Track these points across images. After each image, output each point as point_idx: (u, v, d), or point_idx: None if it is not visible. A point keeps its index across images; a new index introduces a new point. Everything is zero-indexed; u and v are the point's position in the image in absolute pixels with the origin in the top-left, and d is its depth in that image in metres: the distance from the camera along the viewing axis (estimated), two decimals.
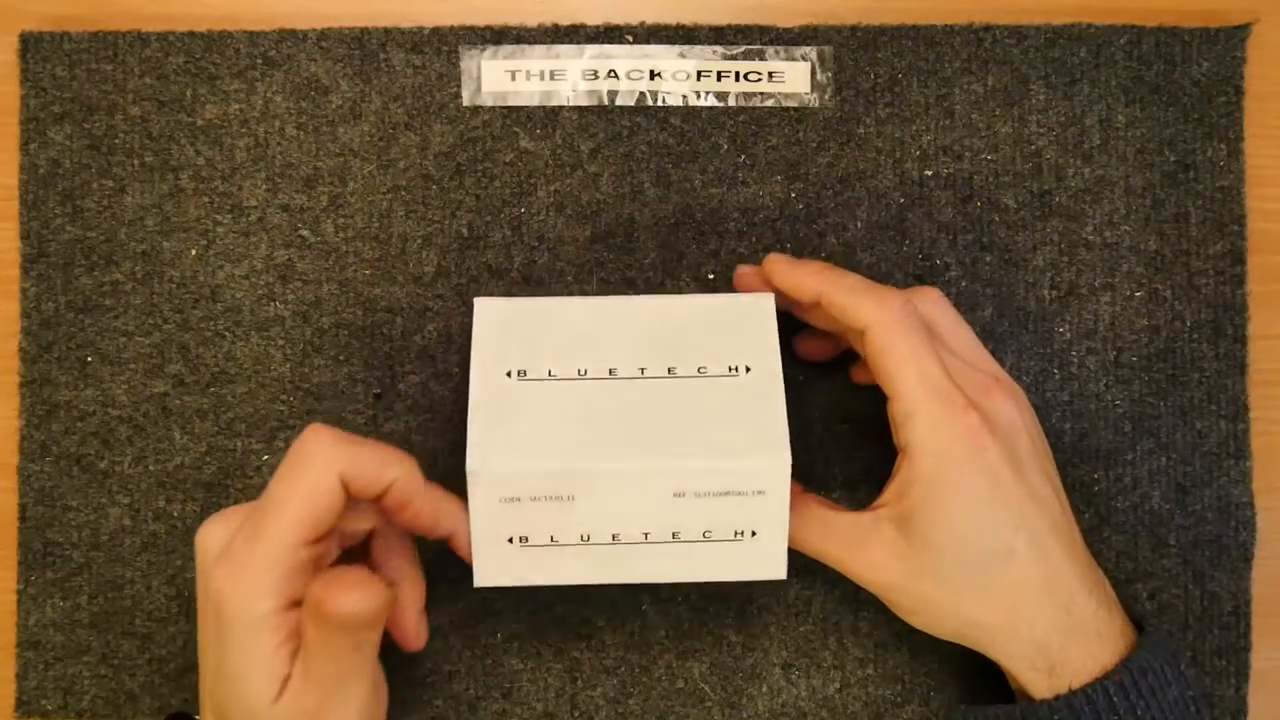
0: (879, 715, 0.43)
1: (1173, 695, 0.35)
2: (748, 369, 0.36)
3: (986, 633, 0.36)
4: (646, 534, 0.35)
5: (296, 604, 0.32)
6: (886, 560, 0.36)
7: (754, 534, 0.35)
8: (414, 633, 0.37)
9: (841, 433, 0.43)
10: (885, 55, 0.43)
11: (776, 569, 0.36)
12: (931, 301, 0.38)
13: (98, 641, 0.43)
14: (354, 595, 0.31)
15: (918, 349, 0.35)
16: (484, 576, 0.35)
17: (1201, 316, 0.43)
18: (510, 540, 0.35)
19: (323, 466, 0.32)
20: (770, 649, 0.43)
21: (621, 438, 0.35)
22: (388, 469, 0.33)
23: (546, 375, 0.36)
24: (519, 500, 0.34)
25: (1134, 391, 0.43)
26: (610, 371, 0.36)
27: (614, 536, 0.35)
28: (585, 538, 0.35)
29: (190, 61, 0.43)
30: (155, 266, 0.43)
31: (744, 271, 0.40)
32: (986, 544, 0.35)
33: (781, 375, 0.36)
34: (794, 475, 0.41)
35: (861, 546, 0.36)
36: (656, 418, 0.35)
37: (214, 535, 0.33)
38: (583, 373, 0.36)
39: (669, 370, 0.36)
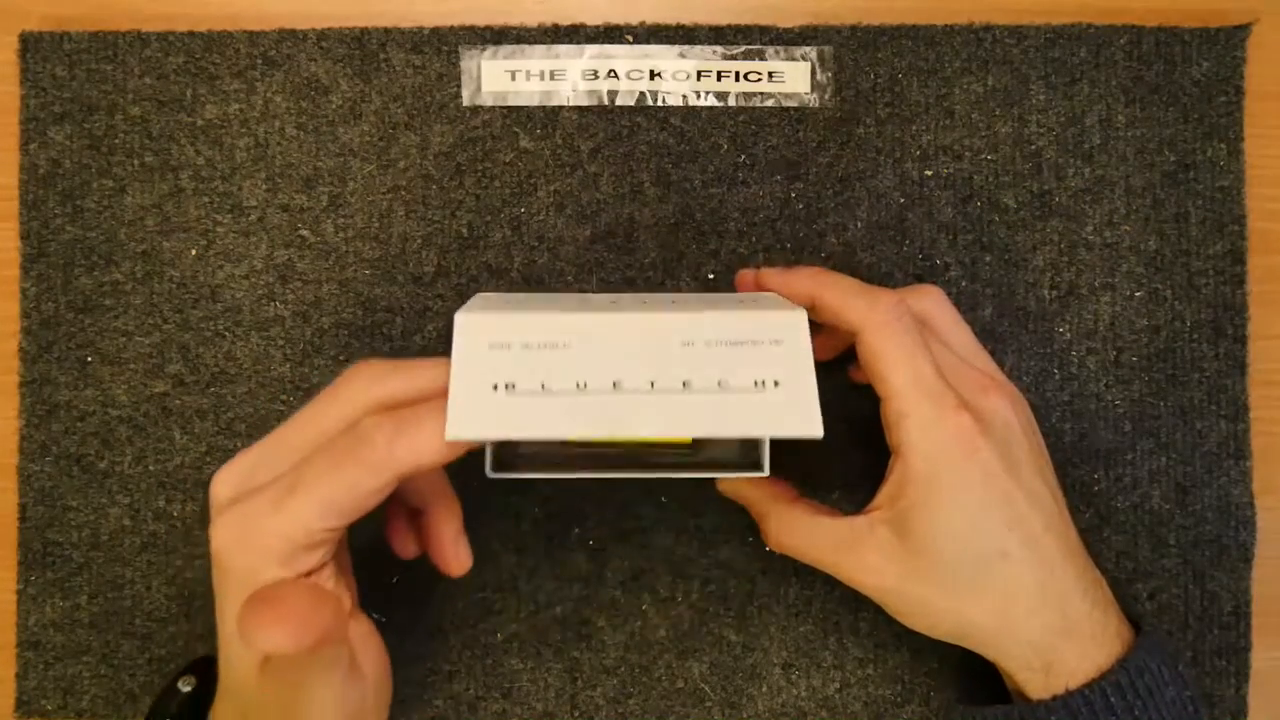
0: (879, 715, 0.43)
1: (1170, 696, 0.35)
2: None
3: (982, 634, 0.36)
4: (653, 382, 0.31)
5: (307, 575, 0.31)
6: (881, 563, 0.35)
7: (776, 384, 0.31)
8: (453, 557, 0.36)
9: (841, 433, 0.43)
10: (885, 55, 0.43)
11: (810, 425, 0.31)
12: (932, 300, 0.38)
13: (98, 641, 0.43)
14: (274, 632, 0.27)
15: (910, 350, 0.34)
16: (458, 427, 0.30)
17: (1201, 316, 0.43)
18: (495, 388, 0.31)
19: (378, 468, 0.30)
20: (770, 649, 0.43)
21: (625, 306, 0.33)
22: (455, 451, 0.31)
23: (544, 307, 0.34)
24: (509, 346, 0.31)
25: (1134, 391, 0.43)
26: (612, 304, 0.34)
27: (615, 384, 0.31)
28: (582, 385, 0.31)
29: (190, 61, 0.43)
30: (155, 266, 0.43)
31: (745, 274, 0.40)
32: (980, 545, 0.34)
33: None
34: (790, 478, 0.41)
35: (855, 550, 0.36)
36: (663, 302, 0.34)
37: (225, 488, 0.32)
38: (583, 303, 0.34)
39: (672, 303, 0.35)
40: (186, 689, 0.38)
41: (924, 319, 0.37)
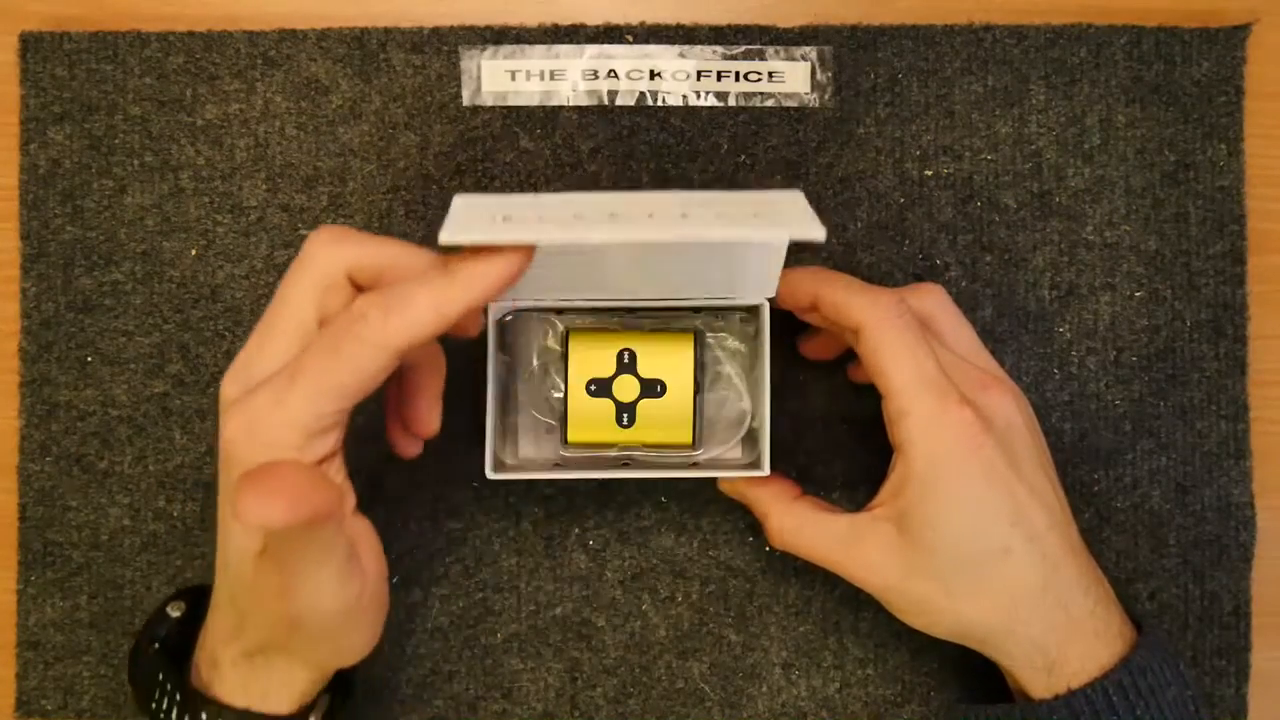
0: (879, 715, 0.43)
1: (1171, 695, 0.35)
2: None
3: (984, 632, 0.36)
4: (650, 214, 0.32)
5: (319, 463, 0.31)
6: (883, 560, 0.35)
7: (774, 213, 0.32)
8: (424, 420, 0.36)
9: (841, 433, 0.43)
10: (885, 55, 0.43)
11: (812, 228, 0.30)
12: (933, 299, 0.38)
13: (98, 641, 0.43)
14: (268, 504, 0.26)
15: (912, 347, 0.34)
16: (451, 233, 0.30)
17: (1201, 316, 0.43)
18: (492, 219, 0.31)
19: (376, 344, 0.30)
20: (770, 649, 0.43)
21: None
22: (447, 321, 0.30)
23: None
24: (507, 213, 0.32)
25: (1134, 391, 0.43)
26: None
27: (612, 216, 0.31)
28: (578, 216, 0.31)
29: (190, 61, 0.43)
30: (155, 266, 0.43)
31: None
32: (983, 542, 0.35)
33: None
34: (794, 476, 0.41)
35: (857, 547, 0.36)
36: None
37: (231, 388, 0.32)
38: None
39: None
40: (175, 614, 0.38)
41: (925, 318, 0.37)
